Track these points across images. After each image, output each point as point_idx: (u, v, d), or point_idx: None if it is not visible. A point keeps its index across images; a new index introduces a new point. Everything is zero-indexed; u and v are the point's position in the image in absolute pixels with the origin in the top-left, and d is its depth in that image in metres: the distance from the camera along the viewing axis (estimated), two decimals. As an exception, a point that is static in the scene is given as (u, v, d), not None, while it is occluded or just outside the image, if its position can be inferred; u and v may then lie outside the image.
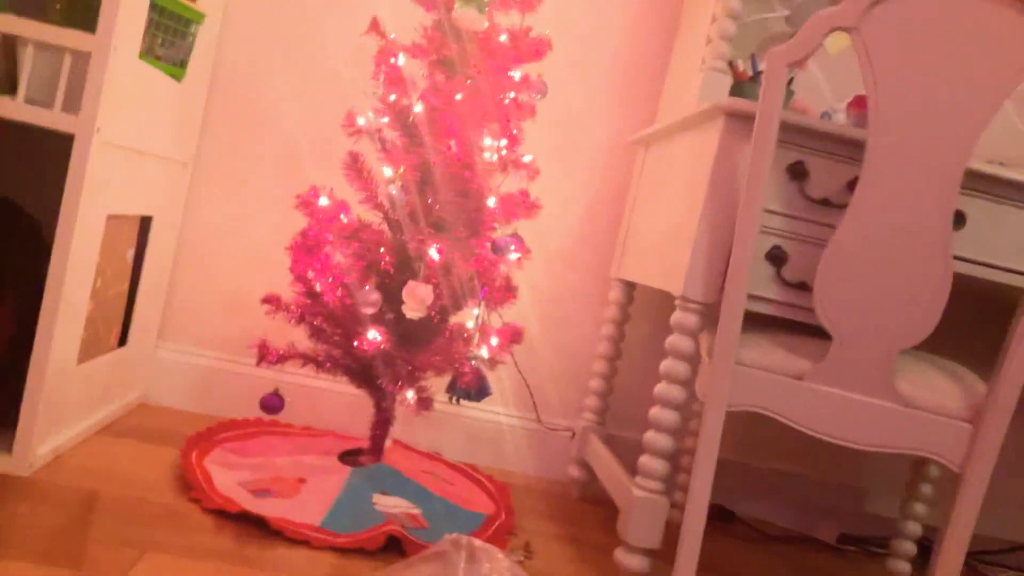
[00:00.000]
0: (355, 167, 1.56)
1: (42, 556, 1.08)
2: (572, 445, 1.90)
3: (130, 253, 1.63)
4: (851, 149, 1.33)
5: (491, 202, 1.56)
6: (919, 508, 1.64)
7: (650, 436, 1.39)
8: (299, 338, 1.65)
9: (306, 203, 1.52)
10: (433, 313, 1.48)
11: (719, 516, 1.97)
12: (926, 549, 1.87)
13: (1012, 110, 2.02)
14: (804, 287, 1.33)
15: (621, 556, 1.39)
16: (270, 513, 1.32)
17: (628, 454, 1.94)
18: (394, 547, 1.33)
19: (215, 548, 1.22)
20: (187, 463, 1.45)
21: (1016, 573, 2.03)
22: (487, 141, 1.54)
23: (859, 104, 1.53)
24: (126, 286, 1.64)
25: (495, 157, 1.55)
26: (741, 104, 1.30)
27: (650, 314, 2.01)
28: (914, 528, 1.65)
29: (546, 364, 1.98)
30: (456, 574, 1.05)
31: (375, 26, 1.55)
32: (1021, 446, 2.18)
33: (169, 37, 1.60)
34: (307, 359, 1.50)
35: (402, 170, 1.51)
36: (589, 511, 1.80)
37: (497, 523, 1.50)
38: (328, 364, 1.50)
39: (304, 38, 1.87)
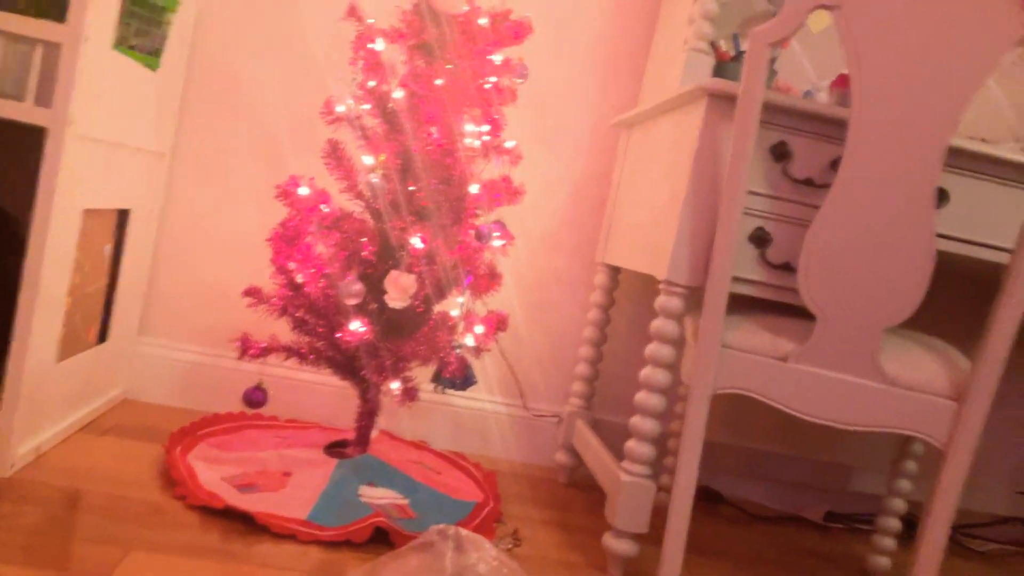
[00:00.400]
0: (335, 155, 1.54)
1: (25, 557, 1.07)
2: (559, 431, 1.90)
3: (108, 248, 1.61)
4: (834, 128, 1.32)
5: (474, 189, 1.54)
6: (904, 485, 1.65)
7: (636, 420, 1.38)
8: (282, 330, 1.64)
9: (286, 193, 1.50)
10: (417, 302, 1.47)
11: (706, 498, 1.98)
12: (911, 524, 1.88)
13: (994, 86, 2.03)
14: (788, 268, 1.33)
15: (609, 541, 1.39)
16: (256, 508, 1.31)
17: (615, 438, 1.95)
18: (382, 538, 1.32)
19: (200, 544, 1.21)
20: (171, 459, 1.44)
21: (998, 546, 2.06)
22: (469, 127, 1.53)
23: (842, 83, 1.52)
24: (105, 281, 1.62)
25: (477, 143, 1.53)
26: (724, 84, 1.29)
27: (635, 298, 2.00)
28: (899, 504, 1.66)
29: (532, 350, 1.98)
30: (444, 564, 1.05)
31: (353, 11, 1.53)
32: (1003, 422, 2.20)
33: (143, 26, 1.57)
34: (290, 352, 1.49)
35: (383, 158, 1.49)
36: (576, 496, 1.80)
37: (485, 511, 1.50)
38: (311, 356, 1.48)
39: (281, 24, 1.84)
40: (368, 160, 1.49)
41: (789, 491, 2.08)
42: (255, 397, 1.49)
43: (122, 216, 1.65)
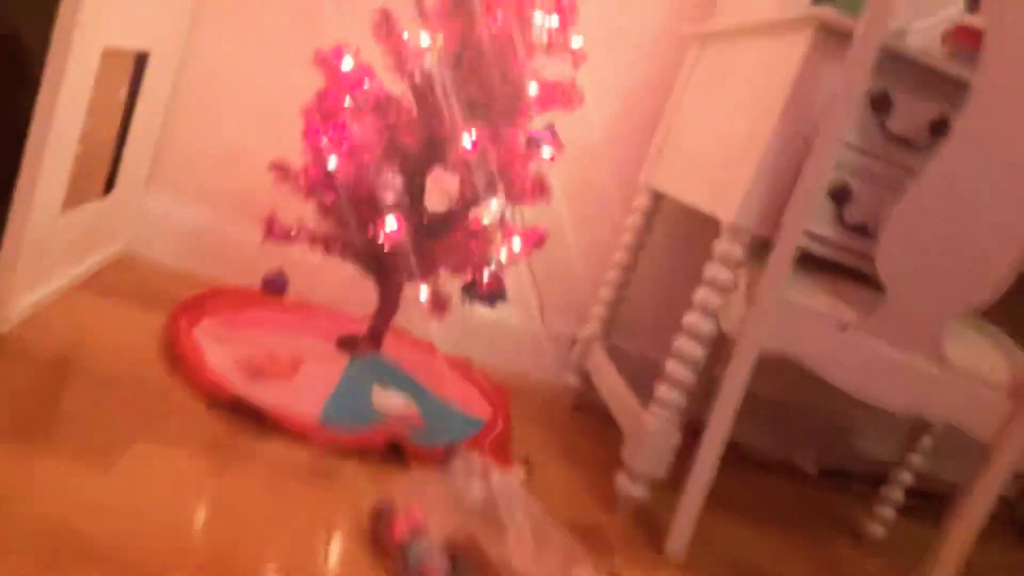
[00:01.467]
0: (386, 27, 1.39)
1: (13, 427, 1.00)
2: (573, 352, 1.83)
3: (123, 91, 1.46)
4: (942, 84, 1.19)
5: (532, 88, 1.40)
6: (917, 460, 1.62)
7: (673, 366, 1.31)
8: (297, 209, 1.52)
9: (326, 61, 1.36)
10: (457, 206, 1.36)
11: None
12: (912, 497, 1.87)
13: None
14: (862, 230, 1.23)
15: (624, 483, 1.34)
16: (265, 399, 1.24)
17: (629, 367, 1.88)
18: (394, 449, 1.26)
19: (207, 437, 1.13)
20: (175, 332, 1.35)
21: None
22: (537, 17, 1.37)
23: (963, 36, 1.37)
24: (116, 128, 1.48)
25: (544, 37, 1.38)
26: (839, 18, 1.15)
27: (670, 229, 1.89)
28: (907, 477, 1.63)
29: (557, 266, 1.88)
30: (472, 498, 0.99)
31: None
32: None
33: None
34: (316, 241, 1.38)
35: (440, 39, 1.34)
36: (583, 422, 1.75)
37: (496, 431, 1.45)
38: (338, 247, 1.38)
39: None
40: (424, 40, 1.34)
41: (784, 438, 2.05)
42: (277, 284, 1.39)
43: (140, 59, 1.49)
